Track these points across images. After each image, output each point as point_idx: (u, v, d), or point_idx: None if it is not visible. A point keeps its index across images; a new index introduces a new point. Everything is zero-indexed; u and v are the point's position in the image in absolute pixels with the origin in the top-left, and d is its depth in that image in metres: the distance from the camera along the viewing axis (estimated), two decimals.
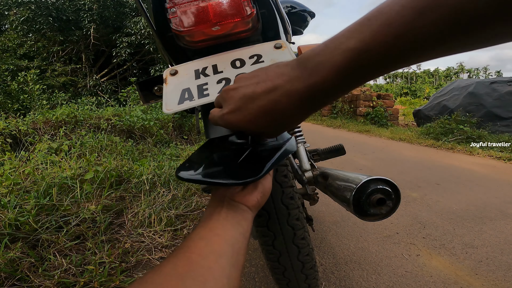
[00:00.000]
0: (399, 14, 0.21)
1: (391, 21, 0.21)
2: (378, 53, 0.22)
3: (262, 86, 0.30)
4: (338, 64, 0.25)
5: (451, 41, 0.20)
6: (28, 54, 6.56)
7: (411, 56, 0.22)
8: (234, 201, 0.37)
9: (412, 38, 0.21)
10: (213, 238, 0.31)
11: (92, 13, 6.41)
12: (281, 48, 0.47)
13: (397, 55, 0.22)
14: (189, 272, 0.27)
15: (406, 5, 0.21)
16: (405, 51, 0.22)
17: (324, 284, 1.00)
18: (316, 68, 0.26)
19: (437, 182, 2.21)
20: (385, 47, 0.22)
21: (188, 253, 0.29)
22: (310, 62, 0.27)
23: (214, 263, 0.29)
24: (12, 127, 2.51)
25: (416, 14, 0.20)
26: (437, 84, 53.93)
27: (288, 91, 0.28)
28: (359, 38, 0.23)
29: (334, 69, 0.25)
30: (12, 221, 1.09)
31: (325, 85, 0.26)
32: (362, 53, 0.23)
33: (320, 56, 0.26)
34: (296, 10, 1.27)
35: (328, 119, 8.29)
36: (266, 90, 0.30)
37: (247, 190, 0.38)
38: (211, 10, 0.40)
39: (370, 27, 0.23)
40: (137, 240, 1.23)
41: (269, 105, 0.30)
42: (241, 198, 0.38)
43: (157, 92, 0.63)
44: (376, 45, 0.22)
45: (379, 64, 0.23)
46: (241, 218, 0.35)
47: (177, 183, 1.82)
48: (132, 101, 4.32)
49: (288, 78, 0.28)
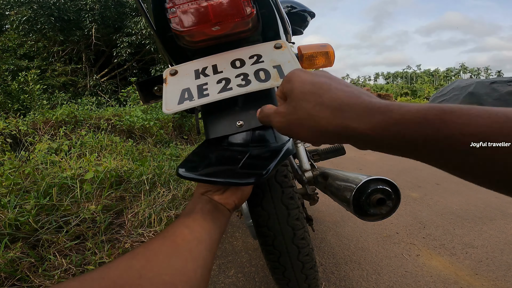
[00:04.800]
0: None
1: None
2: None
3: (347, 119, 0.25)
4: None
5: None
6: (28, 54, 6.55)
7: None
8: (214, 200, 0.42)
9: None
10: (195, 227, 0.37)
11: (94, 13, 6.41)
12: (281, 48, 0.47)
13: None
14: (174, 251, 0.33)
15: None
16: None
17: (324, 284, 1.00)
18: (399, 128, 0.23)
19: (437, 182, 2.21)
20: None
21: (173, 237, 0.34)
22: (397, 115, 0.23)
23: (195, 247, 0.34)
24: (12, 127, 2.51)
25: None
26: (437, 84, 53.89)
27: (365, 136, 0.25)
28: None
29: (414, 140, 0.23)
30: (12, 221, 1.09)
31: (392, 143, 0.24)
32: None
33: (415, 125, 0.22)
34: (296, 10, 1.27)
35: None
36: (343, 126, 0.26)
37: (226, 193, 0.43)
38: (211, 10, 0.40)
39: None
40: (137, 240, 1.23)
41: (335, 136, 0.27)
42: (221, 199, 0.43)
43: (157, 92, 0.63)
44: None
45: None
46: (220, 215, 0.41)
47: (177, 183, 1.82)
48: (132, 101, 4.32)
49: (371, 120, 0.24)
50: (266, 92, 0.47)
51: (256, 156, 0.43)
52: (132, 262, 0.30)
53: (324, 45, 0.81)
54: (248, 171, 0.38)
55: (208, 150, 0.46)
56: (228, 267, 1.12)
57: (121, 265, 0.30)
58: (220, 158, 0.43)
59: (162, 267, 0.31)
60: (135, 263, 0.30)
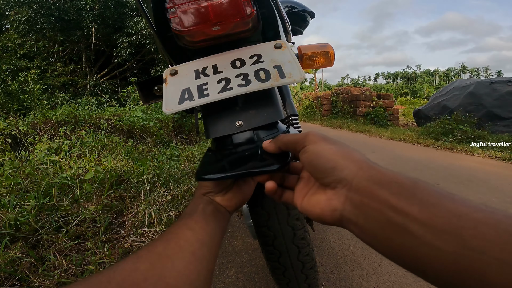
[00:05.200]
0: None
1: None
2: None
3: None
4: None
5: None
6: (28, 54, 6.55)
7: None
8: (215, 201, 0.42)
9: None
10: (198, 229, 0.37)
11: (94, 13, 6.41)
12: (281, 48, 0.47)
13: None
14: (177, 254, 0.33)
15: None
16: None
17: (324, 284, 1.00)
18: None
19: (437, 182, 2.21)
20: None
21: (176, 239, 0.35)
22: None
23: (198, 249, 0.34)
24: (12, 127, 2.50)
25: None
26: (437, 84, 53.89)
27: (355, 225, 0.27)
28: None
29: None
30: (12, 221, 1.09)
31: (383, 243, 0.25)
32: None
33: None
34: (296, 10, 1.27)
35: (328, 119, 8.29)
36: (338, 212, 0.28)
37: (228, 195, 0.43)
38: (211, 10, 0.40)
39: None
40: (137, 240, 1.23)
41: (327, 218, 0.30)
42: (222, 201, 0.43)
43: (157, 92, 0.63)
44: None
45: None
46: (221, 217, 0.41)
47: (177, 183, 1.82)
48: (132, 101, 4.32)
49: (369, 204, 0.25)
50: (266, 92, 0.47)
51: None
52: (137, 265, 0.31)
53: (324, 45, 0.81)
54: (269, 159, 0.38)
55: (218, 153, 0.46)
56: (228, 267, 1.12)
57: (126, 268, 0.30)
58: (235, 155, 0.43)
59: (166, 270, 0.31)
60: (140, 266, 0.31)
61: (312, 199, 0.32)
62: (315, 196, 0.32)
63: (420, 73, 79.09)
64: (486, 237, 0.19)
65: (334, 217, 0.29)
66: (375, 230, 0.25)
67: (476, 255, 0.19)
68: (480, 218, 0.20)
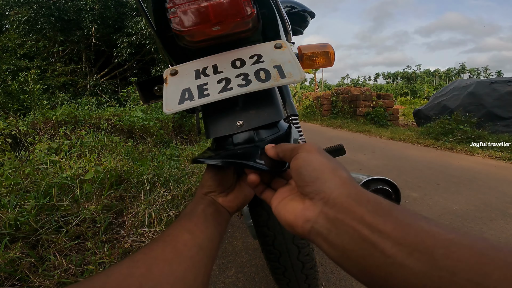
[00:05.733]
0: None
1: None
2: None
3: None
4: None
5: None
6: (28, 54, 6.55)
7: None
8: (216, 202, 0.41)
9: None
10: (197, 232, 0.36)
11: (94, 13, 6.41)
12: (281, 48, 0.47)
13: None
14: (175, 258, 0.32)
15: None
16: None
17: (324, 284, 1.00)
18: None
19: (437, 182, 2.21)
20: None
21: (174, 242, 0.34)
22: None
23: (196, 254, 0.33)
24: (12, 127, 2.50)
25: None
26: (437, 84, 53.91)
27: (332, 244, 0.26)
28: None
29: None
30: (12, 221, 1.09)
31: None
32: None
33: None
34: (296, 10, 1.27)
35: (328, 119, 8.29)
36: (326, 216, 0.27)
37: (231, 196, 0.43)
38: (212, 10, 0.40)
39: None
40: (137, 240, 1.23)
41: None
42: (224, 202, 0.42)
43: (157, 92, 0.64)
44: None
45: None
46: (221, 219, 0.40)
47: (177, 183, 1.82)
48: (132, 101, 4.31)
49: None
50: (267, 92, 0.47)
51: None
52: (133, 269, 0.30)
53: (324, 45, 0.81)
54: (265, 160, 0.38)
55: (220, 148, 0.46)
56: (228, 267, 1.12)
57: (121, 272, 0.29)
58: (237, 150, 0.43)
59: (162, 275, 0.30)
60: (136, 271, 0.30)
61: (289, 205, 0.32)
62: (292, 203, 0.32)
63: (420, 73, 79.11)
64: (458, 257, 0.18)
65: (304, 228, 0.29)
66: (346, 246, 0.24)
67: (447, 276, 0.18)
68: (453, 239, 0.20)
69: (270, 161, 0.38)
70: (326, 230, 0.26)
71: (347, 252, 0.24)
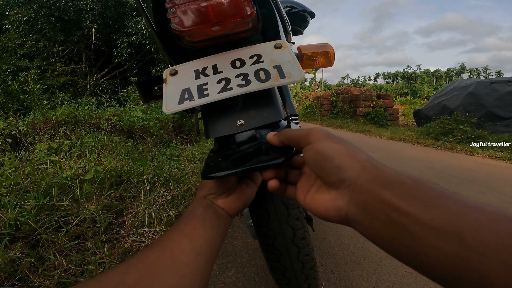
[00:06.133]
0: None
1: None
2: None
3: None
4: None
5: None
6: (28, 54, 6.55)
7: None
8: (216, 205, 0.40)
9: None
10: (195, 237, 0.34)
11: (94, 13, 6.41)
12: (281, 48, 0.47)
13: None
14: (171, 265, 0.31)
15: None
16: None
17: (324, 284, 1.00)
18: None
19: (437, 182, 2.21)
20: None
21: (171, 247, 0.32)
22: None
23: (193, 260, 0.32)
24: (12, 127, 2.50)
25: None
26: (437, 84, 53.91)
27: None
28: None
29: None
30: (12, 221, 1.09)
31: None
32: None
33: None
34: (296, 10, 1.27)
35: (328, 119, 8.29)
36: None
37: (231, 197, 0.41)
38: (211, 10, 0.40)
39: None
40: (137, 240, 1.23)
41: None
42: (224, 204, 0.40)
43: (157, 92, 0.64)
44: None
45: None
46: (221, 222, 0.39)
47: (177, 183, 1.82)
48: (132, 101, 4.32)
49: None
50: (266, 92, 0.47)
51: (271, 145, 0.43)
52: (125, 277, 0.29)
53: (324, 45, 0.81)
54: (274, 153, 0.38)
55: (221, 153, 0.45)
56: (228, 267, 1.12)
57: (113, 279, 0.28)
58: (239, 153, 0.43)
59: (156, 284, 0.29)
60: (128, 279, 0.29)
61: (316, 197, 0.32)
62: (319, 195, 0.32)
63: (420, 73, 79.10)
64: (487, 238, 0.19)
65: (339, 216, 0.29)
66: (380, 230, 0.25)
67: (476, 257, 0.19)
68: (481, 220, 0.20)
69: (276, 152, 0.37)
70: (359, 216, 0.27)
71: (381, 235, 0.25)
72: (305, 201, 0.33)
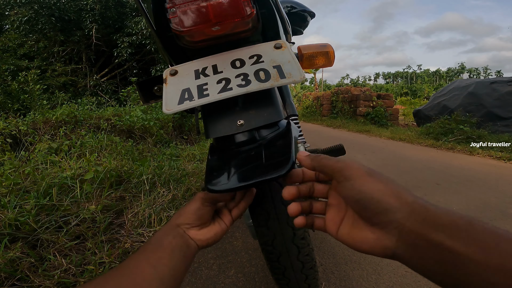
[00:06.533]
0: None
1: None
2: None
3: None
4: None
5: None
6: (28, 54, 6.55)
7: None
8: (187, 235, 0.39)
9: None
10: (160, 267, 0.33)
11: (94, 13, 6.41)
12: (281, 48, 0.47)
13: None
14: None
15: None
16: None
17: (324, 284, 1.00)
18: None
19: (437, 182, 2.21)
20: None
21: (133, 275, 0.31)
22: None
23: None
24: (12, 127, 2.50)
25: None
26: (437, 84, 53.91)
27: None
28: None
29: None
30: (12, 221, 1.09)
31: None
32: None
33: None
34: (296, 10, 1.27)
35: (328, 119, 8.29)
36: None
37: (204, 230, 0.41)
38: (211, 10, 0.40)
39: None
40: (137, 240, 1.23)
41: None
42: (196, 235, 0.40)
43: (157, 92, 0.64)
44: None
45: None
46: (188, 252, 0.38)
47: (177, 183, 1.82)
48: (132, 101, 4.31)
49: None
50: (266, 92, 0.47)
51: (272, 146, 0.43)
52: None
53: (324, 45, 0.81)
54: (275, 162, 0.38)
55: (223, 156, 0.45)
56: (228, 267, 1.12)
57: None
58: (240, 160, 0.43)
59: None
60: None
61: (356, 234, 0.31)
62: (359, 232, 0.31)
63: (420, 73, 79.08)
64: None
65: (386, 254, 0.29)
66: (431, 267, 0.26)
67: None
68: None
69: (277, 160, 0.37)
70: (408, 254, 0.27)
71: (432, 271, 0.26)
72: (340, 235, 0.33)
